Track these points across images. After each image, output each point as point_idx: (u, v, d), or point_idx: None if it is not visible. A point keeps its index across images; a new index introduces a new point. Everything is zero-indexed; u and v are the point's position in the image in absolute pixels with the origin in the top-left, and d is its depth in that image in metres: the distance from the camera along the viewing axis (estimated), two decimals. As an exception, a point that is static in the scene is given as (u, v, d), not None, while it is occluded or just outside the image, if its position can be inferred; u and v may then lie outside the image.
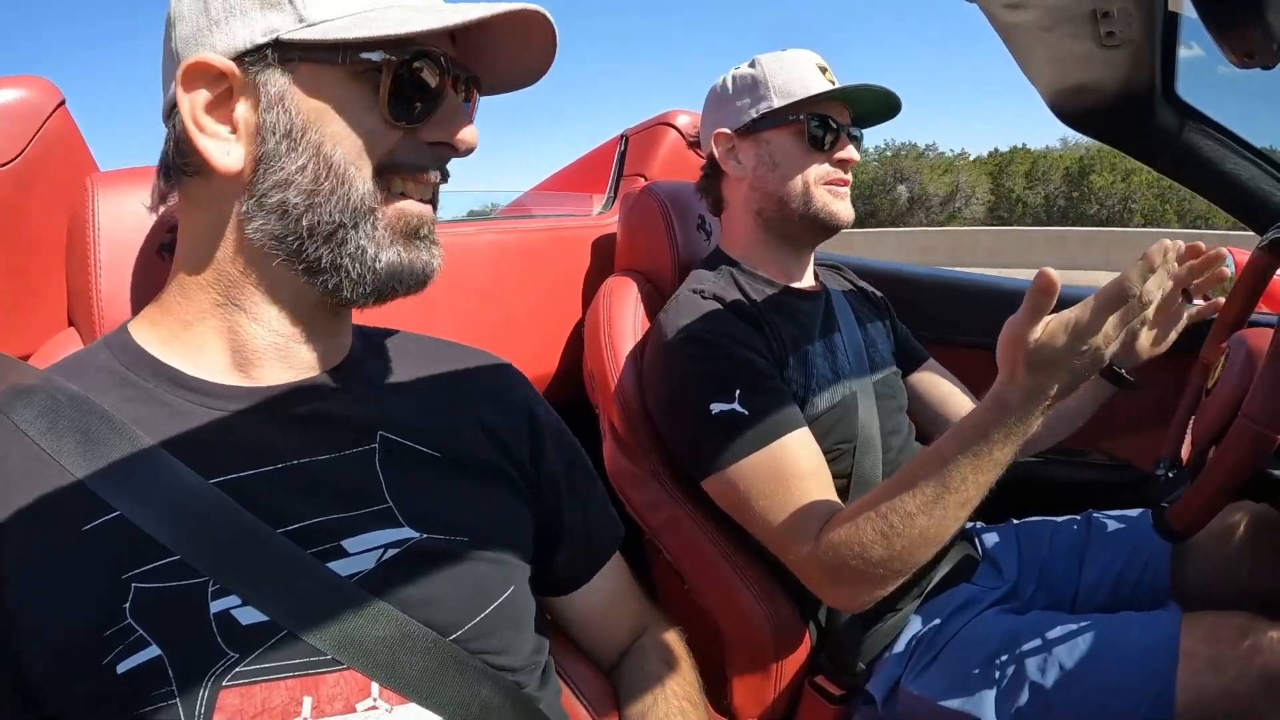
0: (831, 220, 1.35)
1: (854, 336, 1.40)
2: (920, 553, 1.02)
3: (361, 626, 0.65)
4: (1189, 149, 1.38)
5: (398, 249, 0.72)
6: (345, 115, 0.68)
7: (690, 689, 0.95)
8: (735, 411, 1.15)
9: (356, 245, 0.70)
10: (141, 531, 0.62)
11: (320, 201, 0.68)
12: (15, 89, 0.94)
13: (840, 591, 1.10)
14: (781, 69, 1.33)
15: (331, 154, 0.68)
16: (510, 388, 0.90)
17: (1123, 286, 0.86)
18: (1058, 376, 0.90)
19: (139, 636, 0.60)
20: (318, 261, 0.70)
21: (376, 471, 0.73)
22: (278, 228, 0.69)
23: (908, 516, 1.00)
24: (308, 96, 0.67)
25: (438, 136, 0.72)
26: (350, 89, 0.68)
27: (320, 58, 0.67)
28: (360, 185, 0.69)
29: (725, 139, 1.38)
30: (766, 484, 1.13)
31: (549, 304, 1.70)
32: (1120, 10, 1.03)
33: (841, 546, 1.05)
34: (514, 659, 0.76)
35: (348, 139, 0.68)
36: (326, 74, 0.68)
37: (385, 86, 0.68)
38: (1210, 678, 1.03)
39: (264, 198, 0.68)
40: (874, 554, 1.02)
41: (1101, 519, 1.45)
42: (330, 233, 0.69)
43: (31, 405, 0.66)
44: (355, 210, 0.69)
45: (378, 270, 0.71)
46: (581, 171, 2.14)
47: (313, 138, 0.67)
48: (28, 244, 0.99)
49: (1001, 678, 1.14)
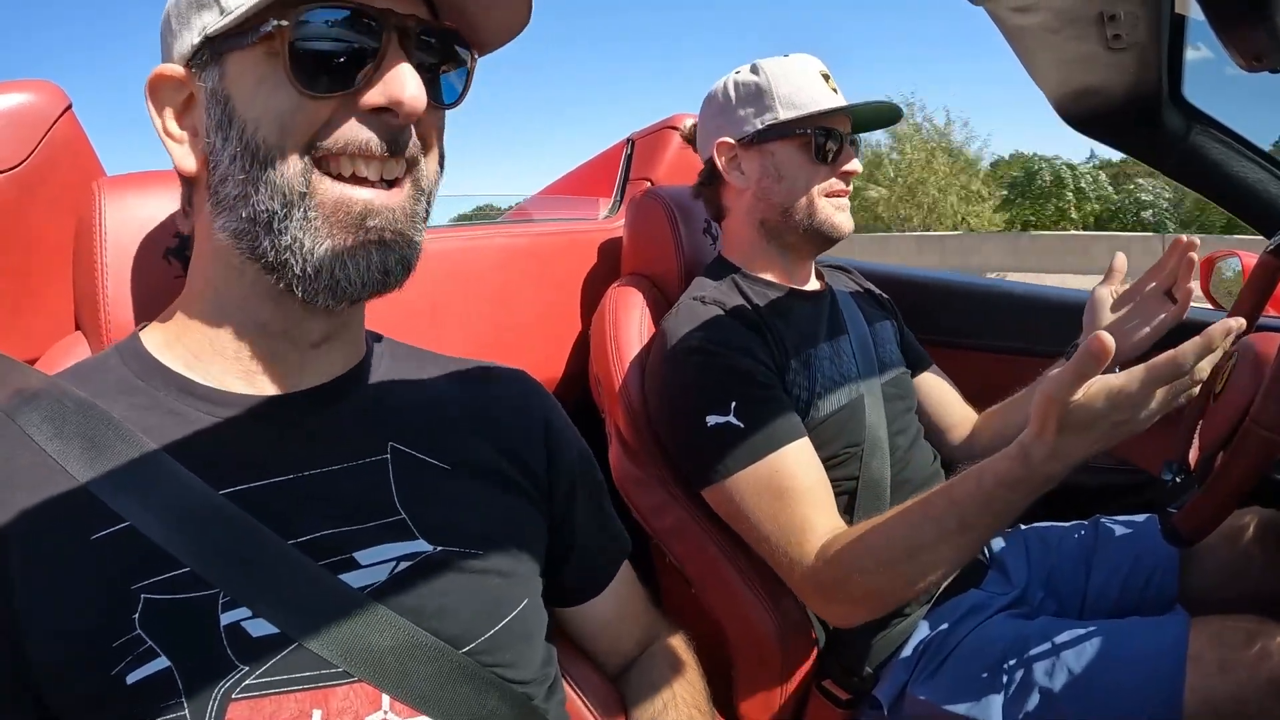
0: (834, 232, 1.35)
1: (862, 338, 1.40)
2: (921, 584, 1.03)
3: (370, 637, 0.64)
4: (1196, 152, 1.37)
5: (337, 240, 0.66)
6: (261, 95, 0.64)
7: (698, 696, 0.95)
8: (730, 424, 1.15)
9: (292, 236, 0.65)
10: (151, 542, 0.62)
11: (251, 191, 0.65)
12: (22, 93, 0.94)
13: (835, 610, 1.12)
14: (786, 79, 1.32)
15: (253, 138, 0.65)
16: (526, 396, 0.88)
17: (1178, 364, 0.83)
18: (1090, 439, 0.89)
19: (148, 647, 0.60)
20: (265, 256, 0.66)
21: (389, 483, 0.72)
22: (233, 224, 0.67)
23: (914, 550, 1.01)
24: (233, 85, 0.66)
25: (375, 101, 0.65)
26: (265, 67, 0.64)
27: (237, 44, 0.65)
28: (287, 168, 0.64)
29: (728, 148, 1.37)
30: (762, 498, 1.13)
31: (555, 308, 1.70)
32: (1127, 13, 1.02)
33: (841, 568, 1.05)
34: (524, 672, 0.75)
35: (267, 120, 0.64)
36: (244, 58, 0.65)
37: (284, 55, 0.63)
38: (1218, 682, 1.02)
39: (216, 195, 0.68)
40: (874, 582, 1.03)
41: (1109, 524, 1.44)
42: (267, 222, 0.65)
43: (38, 410, 0.66)
44: (285, 196, 0.64)
45: (317, 264, 0.65)
46: (587, 176, 2.14)
47: (238, 125, 0.65)
48: (34, 248, 0.99)
49: (1009, 683, 1.14)
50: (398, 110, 0.64)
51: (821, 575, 1.07)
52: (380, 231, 0.67)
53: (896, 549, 1.01)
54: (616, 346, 1.43)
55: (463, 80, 0.73)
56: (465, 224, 1.91)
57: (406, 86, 0.64)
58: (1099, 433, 0.88)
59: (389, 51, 0.65)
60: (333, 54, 0.63)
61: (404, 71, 0.64)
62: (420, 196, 0.71)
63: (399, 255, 0.68)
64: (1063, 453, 0.90)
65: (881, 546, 1.03)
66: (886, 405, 1.34)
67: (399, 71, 0.64)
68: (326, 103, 0.64)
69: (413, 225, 0.70)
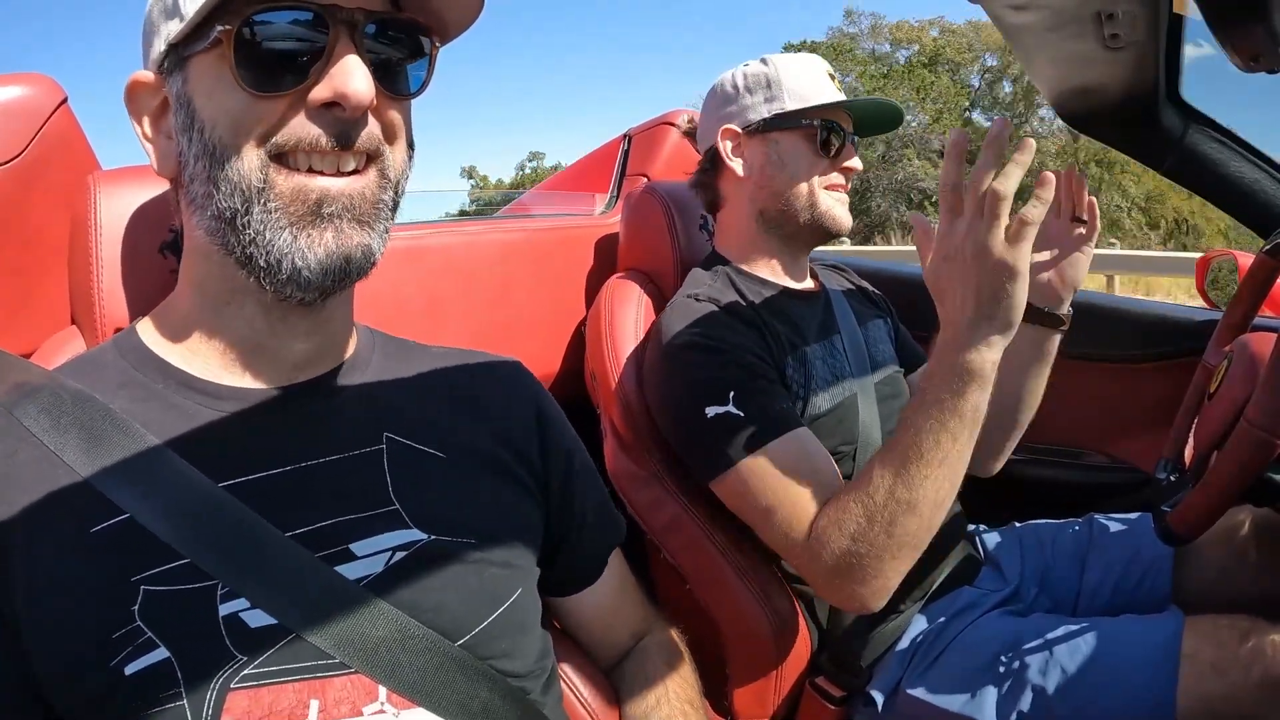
0: (834, 225, 1.35)
1: (854, 337, 1.39)
2: (908, 525, 0.99)
3: (366, 629, 0.65)
4: (1193, 152, 1.38)
5: (295, 230, 0.66)
6: (215, 96, 0.66)
7: (691, 690, 0.95)
8: (730, 414, 1.15)
9: (255, 230, 0.66)
10: (150, 534, 0.62)
11: (214, 189, 0.66)
12: (17, 87, 0.94)
13: (838, 587, 1.06)
14: (794, 72, 1.33)
15: (211, 137, 0.66)
16: (516, 384, 0.89)
17: (976, 179, 0.90)
18: (967, 282, 0.92)
19: (148, 639, 0.60)
20: (235, 251, 0.68)
21: (384, 473, 0.73)
22: (205, 222, 0.69)
23: (889, 489, 0.99)
24: (193, 89, 0.67)
25: (322, 96, 0.65)
26: (217, 70, 0.65)
27: (194, 49, 0.66)
28: (243, 165, 0.65)
29: (732, 135, 1.37)
30: (767, 483, 1.12)
31: (551, 304, 1.70)
32: (1125, 12, 1.03)
33: (828, 531, 1.04)
34: (520, 664, 0.75)
35: (221, 119, 0.66)
36: (201, 62, 0.66)
37: (228, 56, 0.64)
38: (1212, 680, 1.03)
39: (190, 195, 0.70)
40: (860, 532, 1.01)
41: (1103, 522, 1.45)
42: (231, 219, 0.66)
43: (36, 404, 0.66)
44: (244, 192, 0.65)
45: (278, 255, 0.66)
46: (583, 172, 2.14)
47: (198, 126, 0.67)
48: (29, 242, 0.99)
49: (1003, 680, 1.14)
50: (345, 104, 0.65)
51: (815, 547, 1.05)
52: (337, 217, 0.67)
53: (875, 492, 1.00)
54: (612, 342, 1.43)
55: (424, 69, 0.73)
56: (462, 219, 1.91)
57: (351, 79, 0.64)
58: (963, 265, 0.92)
59: (337, 46, 0.65)
60: (280, 53, 0.64)
61: (349, 64, 0.64)
62: (386, 185, 0.71)
63: (359, 242, 0.68)
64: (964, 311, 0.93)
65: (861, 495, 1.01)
66: (879, 405, 1.34)
67: (344, 65, 0.64)
68: (277, 101, 0.65)
69: (375, 212, 0.70)
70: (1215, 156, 1.38)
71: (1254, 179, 1.37)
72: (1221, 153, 1.37)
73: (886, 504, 0.99)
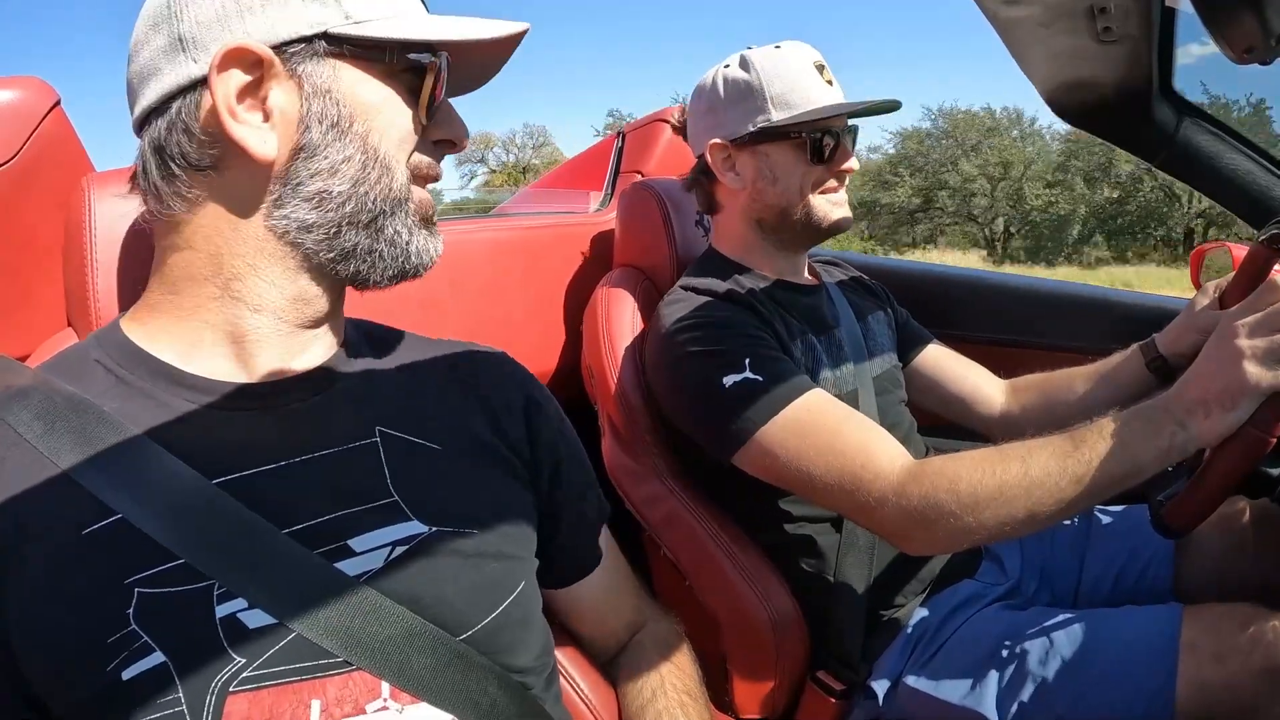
0: (833, 228, 1.35)
1: (852, 330, 1.39)
2: (1017, 506, 0.95)
3: (368, 625, 0.65)
4: (1187, 145, 1.38)
5: (424, 233, 0.77)
6: (389, 110, 0.72)
7: (690, 682, 0.95)
8: (749, 379, 1.12)
9: (394, 230, 0.74)
10: (144, 535, 0.62)
11: (365, 190, 0.71)
12: (10, 89, 0.94)
13: (922, 535, 1.02)
14: (777, 75, 1.28)
15: (378, 145, 0.72)
16: (505, 373, 0.89)
17: None
18: (1237, 372, 0.88)
19: (144, 643, 0.59)
20: (354, 248, 0.72)
21: (380, 465, 0.72)
22: (311, 215, 0.70)
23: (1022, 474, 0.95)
24: (355, 90, 0.71)
25: (442, 134, 0.78)
26: (393, 86, 0.73)
27: (367, 54, 0.71)
28: (400, 176, 0.73)
29: (720, 149, 1.34)
30: (808, 438, 1.08)
31: (547, 301, 1.70)
32: (1117, 6, 1.03)
33: (932, 479, 0.99)
34: (523, 659, 0.75)
35: (391, 132, 0.73)
36: (372, 70, 0.71)
37: (428, 87, 0.73)
38: (1212, 669, 1.03)
39: (300, 185, 0.70)
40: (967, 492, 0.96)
41: (1102, 515, 1.45)
42: (369, 220, 0.72)
43: (28, 407, 0.65)
44: (394, 199, 0.73)
45: (410, 253, 0.75)
46: (578, 170, 2.14)
47: (359, 129, 0.71)
48: (24, 244, 0.98)
49: (1004, 672, 1.14)
50: (458, 144, 0.81)
51: (914, 492, 1.00)
52: (435, 226, 0.80)
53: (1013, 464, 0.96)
54: (609, 338, 1.43)
55: None
56: (456, 217, 1.91)
57: (464, 126, 0.80)
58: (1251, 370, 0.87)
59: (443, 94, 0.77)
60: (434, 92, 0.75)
61: (458, 115, 0.80)
62: None
63: (442, 245, 0.80)
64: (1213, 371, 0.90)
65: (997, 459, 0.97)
66: (879, 398, 1.34)
67: (456, 114, 0.80)
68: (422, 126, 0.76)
69: None
70: (1209, 149, 1.38)
71: (1247, 170, 1.37)
72: (1215, 145, 1.38)
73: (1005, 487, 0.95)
